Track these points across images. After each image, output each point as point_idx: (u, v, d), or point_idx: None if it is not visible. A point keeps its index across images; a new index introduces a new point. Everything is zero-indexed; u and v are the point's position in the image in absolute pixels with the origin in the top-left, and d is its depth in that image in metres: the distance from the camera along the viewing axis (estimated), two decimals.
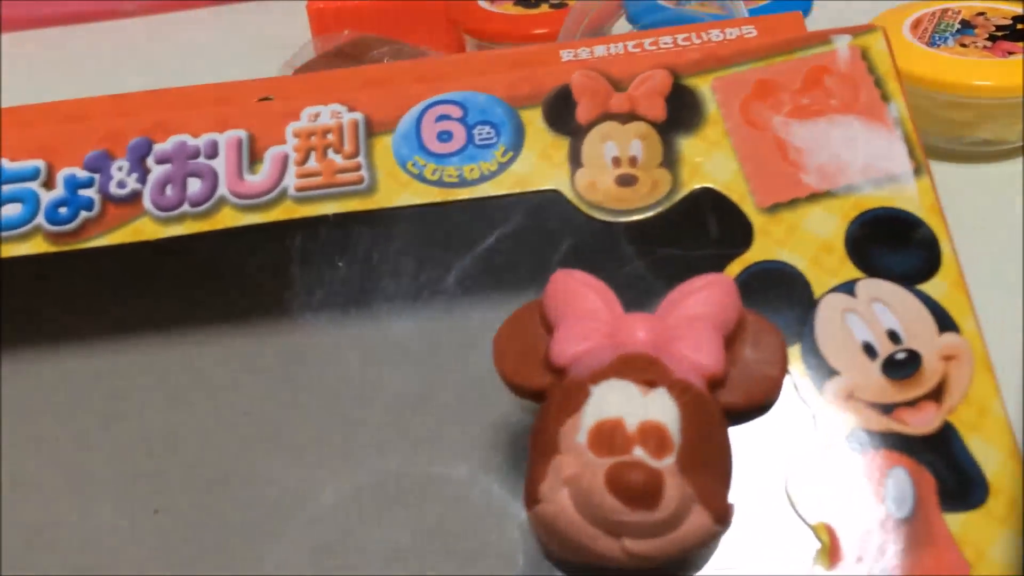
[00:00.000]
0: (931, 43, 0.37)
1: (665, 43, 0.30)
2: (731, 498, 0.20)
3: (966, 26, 0.38)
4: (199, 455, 0.26)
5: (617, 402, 0.19)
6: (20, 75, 0.55)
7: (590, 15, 0.42)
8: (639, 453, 0.19)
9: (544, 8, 0.46)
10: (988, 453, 0.21)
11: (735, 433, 0.21)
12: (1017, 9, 0.39)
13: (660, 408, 0.19)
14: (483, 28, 0.46)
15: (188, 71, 0.52)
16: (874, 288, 0.22)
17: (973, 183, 0.36)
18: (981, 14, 0.38)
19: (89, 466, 0.26)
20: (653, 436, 0.19)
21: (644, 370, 0.20)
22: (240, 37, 0.56)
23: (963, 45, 0.37)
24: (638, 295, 0.23)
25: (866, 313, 0.22)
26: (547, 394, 0.21)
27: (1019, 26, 0.38)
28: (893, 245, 0.23)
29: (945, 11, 0.39)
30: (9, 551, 0.24)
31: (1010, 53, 0.36)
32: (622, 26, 0.46)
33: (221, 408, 0.26)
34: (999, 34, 0.37)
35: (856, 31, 0.26)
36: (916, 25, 0.38)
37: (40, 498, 0.25)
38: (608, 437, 0.19)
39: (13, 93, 0.51)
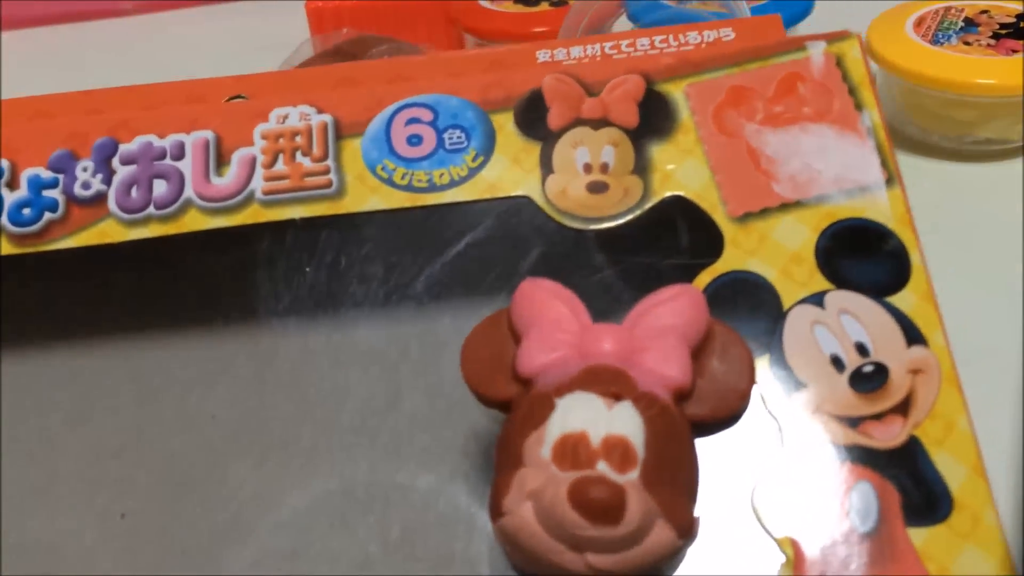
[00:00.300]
0: (934, 41, 0.37)
1: (642, 45, 0.29)
2: (697, 511, 0.20)
3: (969, 24, 0.38)
4: (166, 459, 0.25)
5: (582, 415, 0.19)
6: (19, 73, 0.54)
7: (590, 14, 0.42)
8: (603, 467, 0.18)
9: (544, 6, 0.46)
10: (953, 468, 0.21)
11: (701, 445, 0.21)
12: (1021, 7, 0.38)
13: (625, 421, 0.19)
14: (483, 26, 0.46)
15: (186, 70, 0.51)
16: (843, 300, 0.22)
17: (975, 183, 0.36)
18: (985, 12, 0.38)
19: (55, 469, 0.26)
20: (617, 450, 0.19)
21: (610, 383, 0.20)
22: (238, 36, 0.55)
23: (966, 43, 0.36)
24: (607, 304, 0.23)
25: (834, 325, 0.22)
26: (513, 405, 0.21)
27: (1023, 24, 0.37)
28: (863, 256, 0.23)
29: (948, 9, 0.38)
30: None
31: (1014, 51, 0.36)
32: (623, 24, 0.46)
33: (188, 411, 0.26)
34: (1003, 32, 0.37)
35: (831, 37, 0.26)
36: (919, 23, 0.38)
37: (4, 502, 0.25)
38: (572, 451, 0.19)
39: (12, 92, 0.50)
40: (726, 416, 0.21)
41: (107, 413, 0.26)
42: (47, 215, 0.26)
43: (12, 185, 0.26)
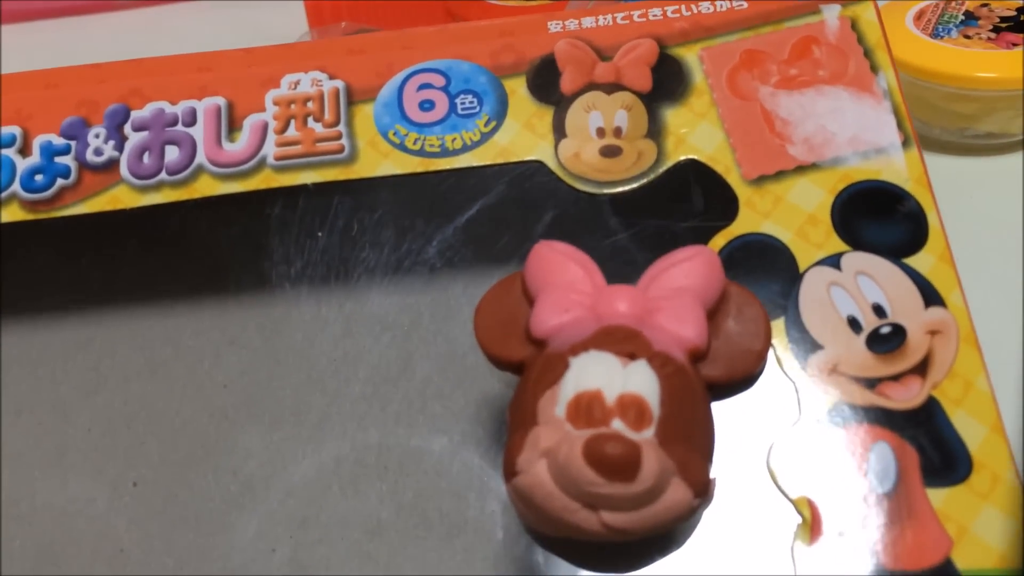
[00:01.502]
0: (934, 34, 0.36)
1: (655, 15, 0.29)
2: (713, 473, 0.20)
3: (970, 17, 0.37)
4: (178, 427, 0.25)
5: (596, 374, 0.19)
6: (19, 67, 0.54)
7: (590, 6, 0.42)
8: (618, 425, 0.18)
9: (544, 0, 0.46)
10: (972, 428, 0.20)
11: (717, 407, 0.20)
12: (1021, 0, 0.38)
13: (640, 380, 0.19)
14: (482, 20, 0.46)
15: None
16: (860, 261, 0.22)
17: (976, 176, 0.36)
18: (985, 5, 0.38)
19: (67, 437, 0.25)
20: (632, 408, 0.18)
21: (624, 342, 0.19)
22: (236, 29, 0.55)
23: (967, 36, 0.36)
24: (621, 267, 0.23)
25: (851, 286, 0.22)
26: (526, 366, 0.21)
27: (1023, 17, 0.37)
28: (880, 218, 0.23)
29: (949, 2, 0.38)
30: None
31: (1014, 45, 0.35)
32: None
33: (200, 380, 0.26)
34: (1003, 25, 0.37)
35: (845, 0, 0.26)
36: (919, 16, 0.37)
37: (17, 469, 0.25)
38: (586, 409, 0.18)
39: None
40: (742, 377, 0.21)
41: (119, 382, 0.26)
42: (59, 181, 0.26)
43: (24, 152, 0.26)
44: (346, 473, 0.24)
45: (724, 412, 0.21)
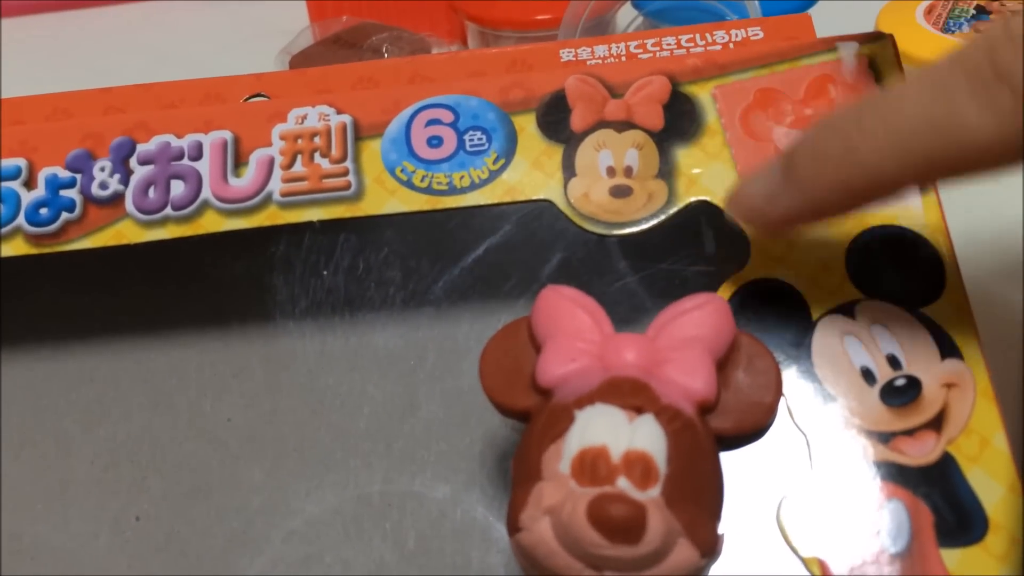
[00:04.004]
0: (945, 29, 0.36)
1: (669, 44, 0.29)
2: (721, 527, 0.19)
3: (981, 11, 0.37)
4: (181, 462, 0.25)
5: (602, 429, 0.18)
6: (19, 61, 0.54)
7: (588, 9, 0.41)
8: (623, 484, 0.18)
9: None
10: (988, 486, 0.20)
11: (726, 457, 0.20)
12: None
13: (646, 436, 0.18)
14: (485, 15, 0.45)
15: (186, 56, 0.51)
16: (874, 310, 0.22)
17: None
18: None
19: (69, 472, 0.25)
20: (638, 465, 0.18)
21: (631, 395, 0.19)
22: (238, 23, 0.55)
23: (978, 31, 0.35)
24: (630, 311, 0.22)
25: (865, 336, 0.21)
26: (532, 416, 0.20)
27: None
28: (896, 265, 0.22)
29: None
30: None
31: None
32: (627, 12, 0.45)
33: (203, 414, 0.26)
34: None
35: (863, 39, 0.25)
36: (930, 11, 0.37)
37: (19, 504, 0.25)
38: (591, 466, 0.18)
39: (13, 79, 0.51)
40: (751, 430, 0.20)
41: (121, 416, 0.26)
42: (64, 215, 0.25)
43: (30, 184, 0.26)
44: (350, 515, 0.23)
45: (733, 463, 0.20)
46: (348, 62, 0.28)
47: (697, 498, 0.18)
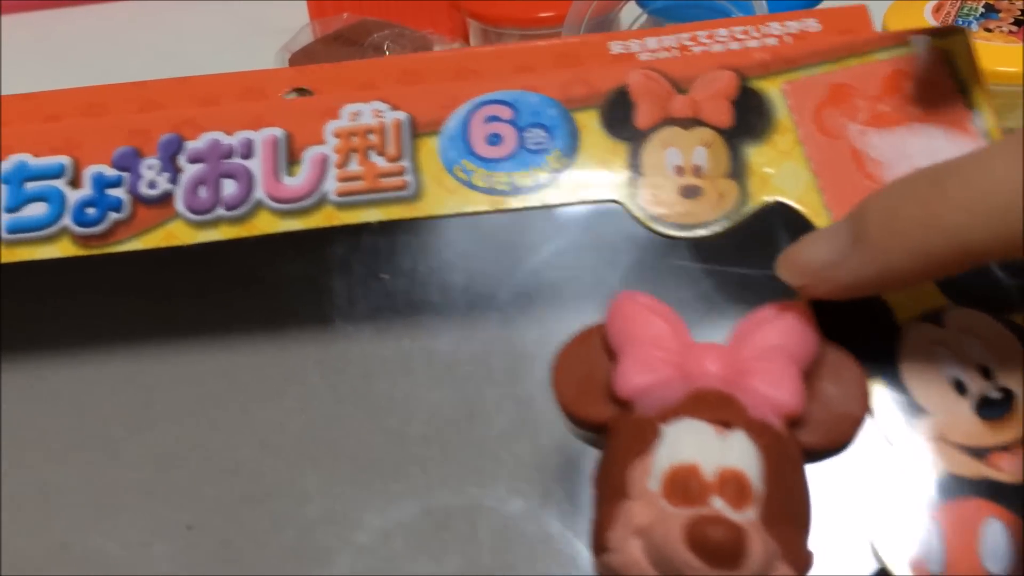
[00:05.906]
0: None
1: (722, 35, 0.28)
2: (810, 545, 0.18)
3: (990, 10, 0.36)
4: (234, 468, 0.25)
5: (692, 445, 0.18)
6: (20, 57, 0.54)
7: (591, 8, 0.41)
8: (718, 504, 0.17)
9: None
10: None
11: (811, 470, 0.19)
12: None
13: (739, 453, 0.18)
14: (486, 12, 0.45)
15: (186, 53, 0.51)
16: (964, 318, 0.21)
17: None
18: None
19: (119, 478, 0.25)
20: (732, 485, 0.17)
21: (719, 409, 0.18)
22: (238, 20, 0.55)
23: (987, 30, 0.35)
24: (705, 317, 0.22)
25: (955, 345, 0.21)
26: (610, 428, 0.19)
27: None
28: (984, 271, 0.21)
29: None
30: (34, 568, 0.23)
31: None
32: (631, 9, 0.44)
33: (256, 420, 0.25)
34: None
35: (937, 32, 0.25)
36: (938, 9, 0.36)
37: (67, 511, 0.24)
38: (683, 485, 0.17)
39: (13, 76, 0.50)
40: (840, 444, 0.19)
41: (172, 420, 0.25)
42: (112, 215, 0.25)
43: (75, 183, 0.25)
44: (415, 527, 0.23)
45: (820, 478, 0.19)
46: (350, 59, 0.28)
47: (792, 518, 0.18)
